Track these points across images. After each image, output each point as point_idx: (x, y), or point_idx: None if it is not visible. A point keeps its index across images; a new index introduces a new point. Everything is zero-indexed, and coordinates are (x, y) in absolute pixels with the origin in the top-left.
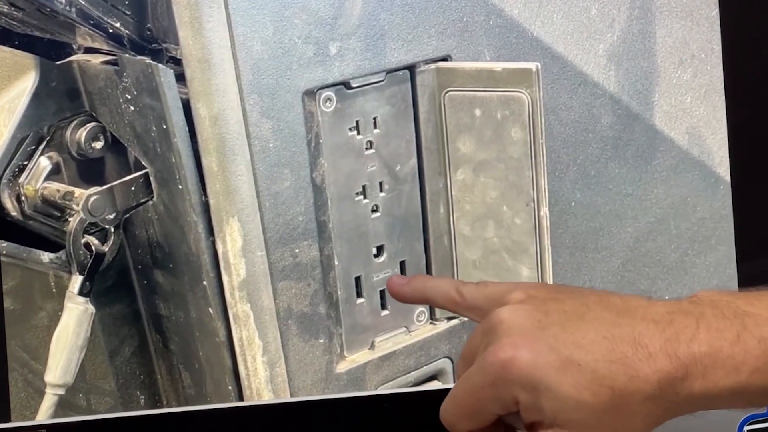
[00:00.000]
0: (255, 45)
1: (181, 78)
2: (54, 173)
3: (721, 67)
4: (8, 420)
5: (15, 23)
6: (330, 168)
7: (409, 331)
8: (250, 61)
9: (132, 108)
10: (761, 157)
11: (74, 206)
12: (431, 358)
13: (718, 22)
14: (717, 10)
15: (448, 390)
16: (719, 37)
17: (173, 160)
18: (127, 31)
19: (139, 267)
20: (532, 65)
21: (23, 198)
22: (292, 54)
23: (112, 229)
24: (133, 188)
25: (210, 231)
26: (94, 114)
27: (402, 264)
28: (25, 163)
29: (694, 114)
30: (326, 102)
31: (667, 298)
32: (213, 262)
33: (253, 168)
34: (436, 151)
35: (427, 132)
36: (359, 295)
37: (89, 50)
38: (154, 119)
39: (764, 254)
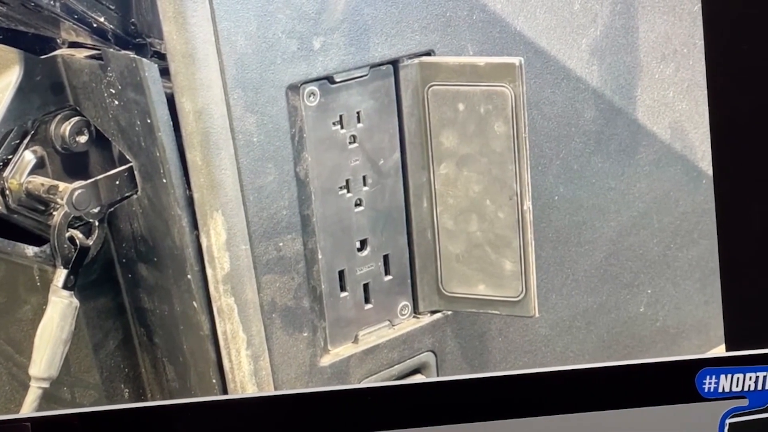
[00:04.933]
0: (239, 40)
1: (165, 72)
2: (38, 167)
3: (703, 62)
4: None
5: None
6: (314, 162)
7: (393, 325)
8: (234, 55)
9: (116, 102)
10: (743, 151)
11: (59, 200)
12: (415, 351)
13: (701, 18)
14: (699, 5)
15: (431, 383)
16: (701, 32)
17: (157, 154)
18: (111, 26)
19: (124, 261)
20: (515, 60)
21: (7, 192)
22: (276, 49)
23: (97, 223)
24: (117, 182)
25: (194, 225)
26: (78, 108)
27: (385, 258)
28: (10, 157)
29: (677, 108)
30: (310, 96)
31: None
32: (197, 255)
33: (237, 162)
34: (420, 145)
35: (411, 126)
36: (343, 288)
37: (74, 45)
38: (138, 113)
39: (746, 248)
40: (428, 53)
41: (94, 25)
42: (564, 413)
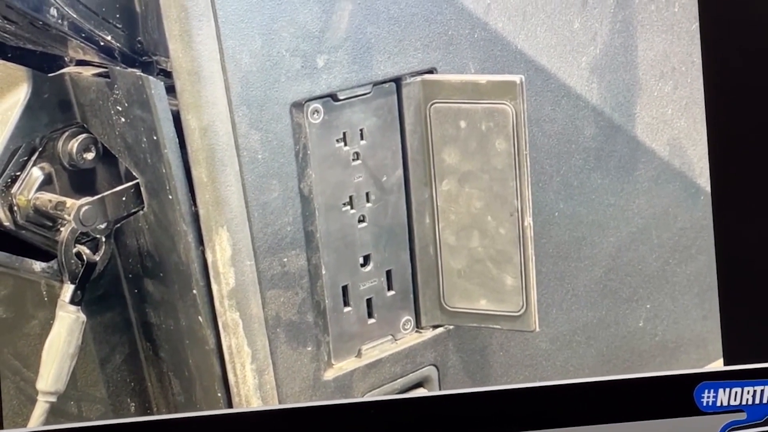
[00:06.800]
0: (244, 58)
1: (171, 90)
2: (46, 184)
3: (701, 80)
4: (0, 427)
5: (8, 36)
6: (317, 179)
7: (395, 339)
8: (239, 73)
9: (123, 119)
10: (741, 168)
11: (66, 216)
12: (417, 365)
13: (698, 36)
14: (697, 23)
15: (433, 397)
16: (699, 50)
17: (163, 170)
18: (118, 44)
19: (130, 276)
20: (516, 78)
21: (16, 208)
22: (280, 66)
23: (103, 239)
24: (123, 198)
25: (200, 240)
26: (85, 125)
27: (388, 273)
28: (18, 173)
29: (675, 126)
30: (314, 114)
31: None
32: (203, 271)
33: (242, 178)
34: (422, 162)
35: (413, 143)
36: (346, 303)
37: (81, 63)
38: (144, 130)
39: (743, 263)
40: (430, 71)
41: (101, 44)
42: (564, 427)
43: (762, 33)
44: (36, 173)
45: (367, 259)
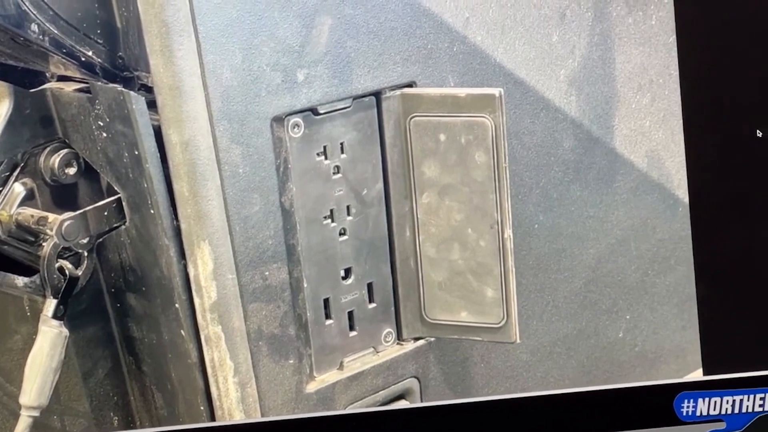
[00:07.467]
0: (224, 72)
1: (152, 105)
2: (28, 199)
3: (678, 92)
4: None
5: None
6: (298, 192)
7: (377, 352)
8: (220, 88)
9: (104, 135)
10: (718, 179)
11: (48, 231)
12: (399, 377)
13: (675, 49)
14: (674, 36)
15: (415, 409)
16: (676, 63)
17: (145, 185)
18: (99, 60)
19: (112, 290)
20: (495, 91)
21: None
22: (260, 81)
23: (86, 254)
24: (105, 213)
25: (181, 254)
26: (67, 141)
27: (369, 286)
28: (0, 189)
29: (653, 138)
30: (294, 128)
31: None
32: (185, 285)
33: (223, 193)
34: (402, 175)
35: (393, 156)
36: (328, 316)
37: (62, 78)
38: (126, 145)
39: (722, 274)
40: (410, 85)
41: (83, 59)
42: None
43: (738, 46)
44: (18, 189)
45: (348, 272)
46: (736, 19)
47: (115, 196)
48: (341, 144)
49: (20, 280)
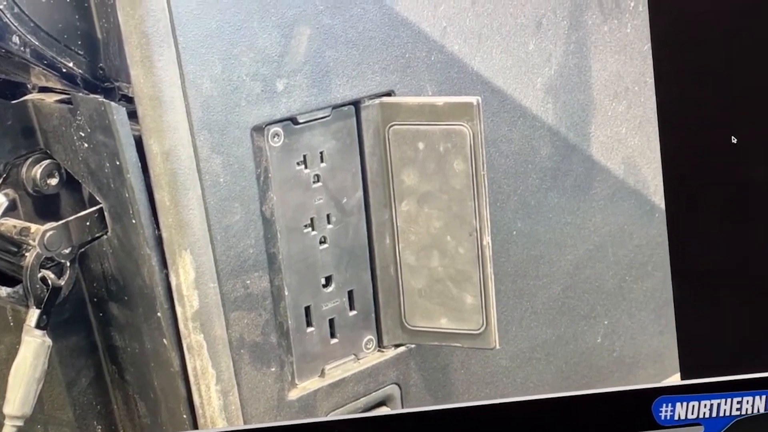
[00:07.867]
0: (204, 82)
1: (133, 115)
2: (10, 210)
3: (654, 100)
4: None
5: None
6: (279, 201)
7: (358, 359)
8: (200, 98)
9: (86, 145)
10: (694, 185)
11: (31, 241)
12: (380, 384)
13: (651, 56)
14: (649, 44)
15: (396, 415)
16: (651, 70)
17: (126, 195)
18: (80, 71)
19: (95, 300)
20: (472, 99)
21: None
22: (240, 91)
23: (68, 264)
24: (87, 223)
25: (163, 264)
26: (49, 151)
27: (350, 293)
28: None
29: (629, 144)
30: (274, 137)
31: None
32: (167, 294)
33: (204, 202)
34: (382, 183)
35: (373, 165)
36: (309, 324)
37: (44, 89)
38: (107, 156)
39: (698, 279)
40: (388, 94)
41: (64, 70)
42: None
43: (712, 53)
44: (0, 200)
45: (328, 279)
46: (710, 26)
47: (97, 206)
48: (321, 153)
49: (3, 291)
